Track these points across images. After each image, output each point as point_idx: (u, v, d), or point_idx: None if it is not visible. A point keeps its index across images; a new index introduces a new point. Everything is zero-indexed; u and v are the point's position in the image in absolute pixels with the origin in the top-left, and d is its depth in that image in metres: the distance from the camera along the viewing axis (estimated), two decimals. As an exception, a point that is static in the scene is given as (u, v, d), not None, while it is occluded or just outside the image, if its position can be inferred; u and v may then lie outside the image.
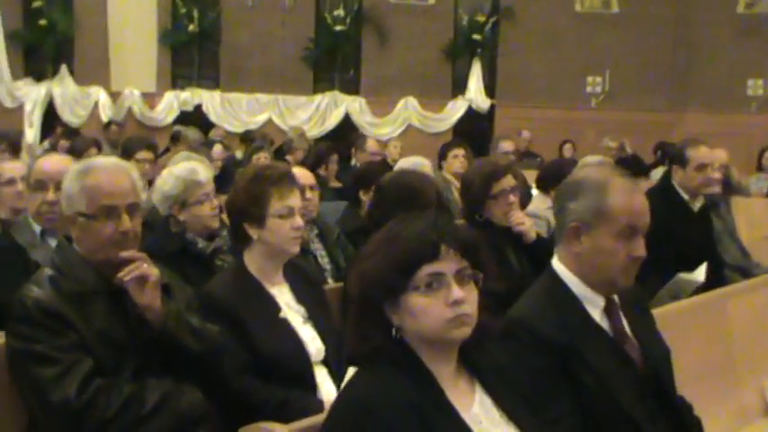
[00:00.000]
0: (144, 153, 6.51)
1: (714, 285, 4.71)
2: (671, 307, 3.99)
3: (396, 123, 15.41)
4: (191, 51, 15.09)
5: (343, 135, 13.73)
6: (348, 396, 2.11)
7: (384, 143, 12.23)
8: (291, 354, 3.19)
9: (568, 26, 15.44)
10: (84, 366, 2.68)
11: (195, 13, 14.76)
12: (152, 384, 2.79)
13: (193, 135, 9.44)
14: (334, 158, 8.36)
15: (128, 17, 14.49)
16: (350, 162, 9.54)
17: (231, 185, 3.54)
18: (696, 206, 5.38)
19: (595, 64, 15.39)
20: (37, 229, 3.96)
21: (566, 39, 15.36)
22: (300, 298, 3.37)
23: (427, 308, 2.05)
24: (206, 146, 9.22)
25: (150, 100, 14.76)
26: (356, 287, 2.14)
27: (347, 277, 3.89)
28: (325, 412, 2.31)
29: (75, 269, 2.83)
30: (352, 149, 9.71)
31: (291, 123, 14.31)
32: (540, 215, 5.87)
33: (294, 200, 3.33)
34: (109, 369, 2.74)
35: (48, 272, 2.83)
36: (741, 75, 15.13)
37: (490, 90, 15.76)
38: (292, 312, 3.31)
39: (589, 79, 15.57)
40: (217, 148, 9.44)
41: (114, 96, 14.54)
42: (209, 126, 13.76)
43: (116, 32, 14.45)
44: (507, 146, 8.63)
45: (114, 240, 2.80)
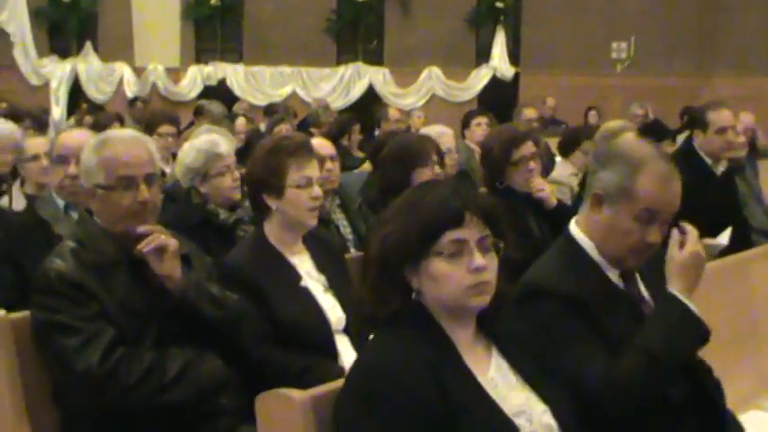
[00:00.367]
0: (167, 127, 6.55)
1: (740, 249, 4.67)
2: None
3: (420, 93, 15.36)
4: (214, 25, 15.10)
5: (366, 106, 13.71)
6: (366, 358, 2.14)
7: (408, 113, 12.21)
8: (312, 322, 3.21)
9: (592, -9, 15.30)
10: (106, 336, 2.73)
11: (217, -13, 14.77)
12: (173, 353, 2.83)
13: (217, 109, 9.45)
14: (356, 128, 8.38)
15: (150, -7, 14.54)
16: (373, 133, 9.55)
17: (253, 158, 3.56)
18: (719, 170, 5.34)
19: (620, 29, 15.21)
20: (60, 204, 3.99)
21: (590, 4, 15.18)
22: (321, 267, 3.38)
23: (449, 273, 2.07)
24: (229, 119, 9.25)
25: (174, 75, 14.80)
26: (377, 250, 2.16)
27: (367, 241, 3.92)
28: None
29: (95, 241, 2.86)
30: (375, 120, 9.71)
31: (315, 95, 14.29)
32: (563, 182, 5.87)
33: (312, 170, 3.33)
34: (130, 338, 2.79)
35: (69, 244, 2.87)
36: (769, 37, 14.92)
37: (514, 58, 15.64)
38: (313, 281, 3.33)
39: (614, 45, 15.40)
40: (240, 122, 9.47)
41: (138, 72, 14.61)
42: (233, 100, 13.77)
43: (139, 8, 14.49)
44: (530, 113, 8.65)
45: (133, 210, 2.83)
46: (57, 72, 14.41)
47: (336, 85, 15.18)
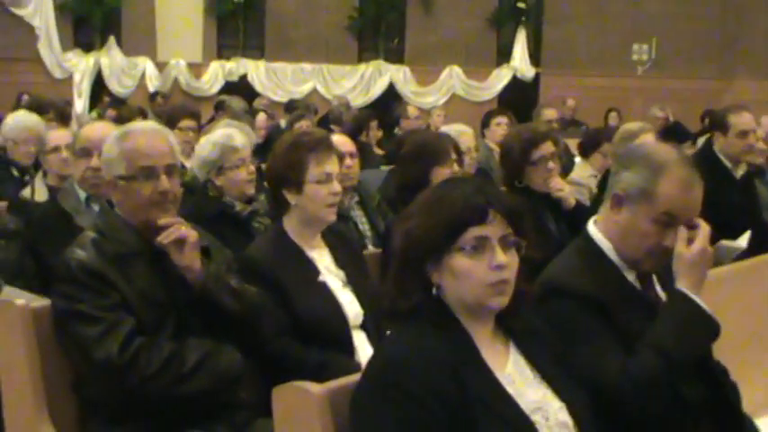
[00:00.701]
0: (187, 121, 6.56)
1: (758, 253, 4.65)
2: (711, 272, 3.91)
3: (440, 92, 15.35)
4: (236, 21, 15.12)
5: (387, 104, 13.71)
6: (385, 351, 2.16)
7: (427, 111, 12.20)
8: (329, 317, 3.22)
9: (614, -8, 15.25)
10: (126, 325, 2.75)
11: (240, -16, 14.81)
12: (192, 344, 2.84)
13: (237, 104, 9.48)
14: (374, 124, 8.39)
15: (174, -12, 14.60)
16: (394, 131, 9.56)
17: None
18: (738, 173, 5.32)
19: (642, 31, 15.17)
20: (82, 195, 4.03)
21: (612, 5, 15.14)
22: (340, 262, 3.39)
23: (470, 269, 2.09)
24: (250, 114, 9.29)
25: (196, 70, 14.84)
26: (400, 244, 2.18)
27: (389, 236, 3.93)
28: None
29: (116, 231, 2.89)
30: (394, 118, 9.73)
31: (336, 93, 14.30)
32: (583, 183, 5.86)
33: (332, 166, 3.34)
34: (150, 328, 2.80)
35: (91, 234, 2.90)
36: (791, 41, 14.83)
37: (535, 58, 15.62)
38: (331, 276, 3.33)
39: (635, 47, 15.36)
40: (261, 117, 9.51)
41: (161, 67, 14.66)
42: (254, 96, 13.79)
43: (162, 3, 14.54)
44: (550, 114, 8.65)
45: (154, 201, 2.86)
46: (80, 65, 14.48)
47: (357, 83, 15.18)
